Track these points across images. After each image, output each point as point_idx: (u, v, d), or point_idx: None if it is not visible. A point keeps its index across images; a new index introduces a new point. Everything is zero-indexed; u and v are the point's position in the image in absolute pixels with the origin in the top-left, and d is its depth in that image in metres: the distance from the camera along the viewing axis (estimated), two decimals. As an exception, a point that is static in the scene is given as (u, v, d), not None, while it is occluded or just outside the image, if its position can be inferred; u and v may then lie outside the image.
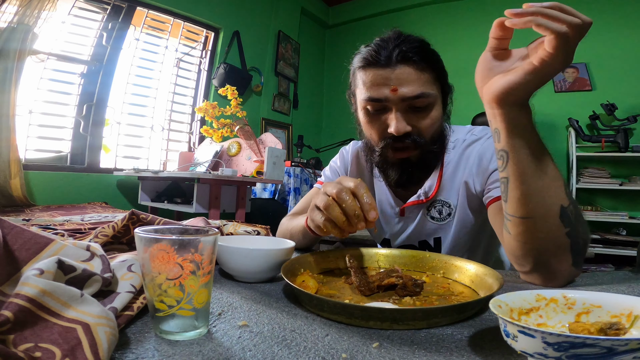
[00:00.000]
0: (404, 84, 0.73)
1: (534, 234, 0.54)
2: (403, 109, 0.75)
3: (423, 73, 0.74)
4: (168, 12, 2.93)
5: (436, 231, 0.89)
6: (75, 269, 0.35)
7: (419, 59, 0.73)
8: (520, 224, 0.54)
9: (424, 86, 0.73)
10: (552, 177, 0.53)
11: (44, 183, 2.26)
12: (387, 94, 0.74)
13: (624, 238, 2.76)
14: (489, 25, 0.51)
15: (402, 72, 0.72)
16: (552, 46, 0.43)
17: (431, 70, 0.75)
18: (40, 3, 2.08)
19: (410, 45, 0.73)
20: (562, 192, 0.53)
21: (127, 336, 0.35)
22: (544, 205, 0.53)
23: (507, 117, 0.51)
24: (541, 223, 0.53)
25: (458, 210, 0.84)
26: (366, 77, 0.76)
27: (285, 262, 0.56)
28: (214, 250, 0.36)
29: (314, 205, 0.61)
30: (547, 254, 0.55)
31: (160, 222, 0.58)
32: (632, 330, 0.32)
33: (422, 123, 0.77)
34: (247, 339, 0.36)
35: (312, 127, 4.38)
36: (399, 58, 0.72)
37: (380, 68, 0.74)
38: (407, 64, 0.72)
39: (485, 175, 0.78)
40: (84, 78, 2.50)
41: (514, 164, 0.52)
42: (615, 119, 2.85)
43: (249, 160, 2.39)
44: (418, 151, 0.79)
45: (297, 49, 4.07)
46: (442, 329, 0.40)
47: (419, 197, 0.86)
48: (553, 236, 0.53)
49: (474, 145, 0.83)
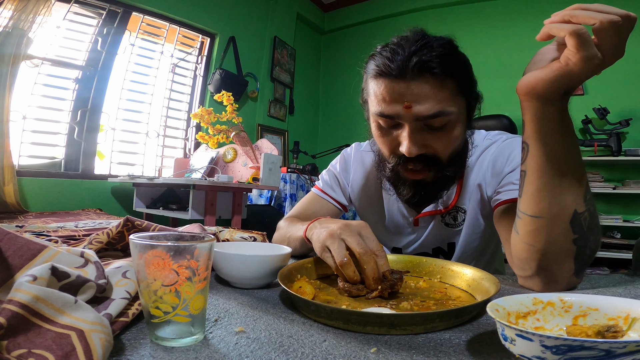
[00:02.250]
0: (419, 101, 0.64)
1: (542, 235, 0.53)
2: (417, 127, 0.68)
3: (443, 88, 0.65)
4: (164, 18, 2.93)
5: (451, 236, 0.86)
6: (69, 276, 0.34)
7: (440, 71, 0.63)
8: (530, 223, 0.54)
9: (442, 103, 0.65)
10: (573, 180, 0.51)
11: (38, 189, 2.25)
12: (399, 111, 0.66)
13: (619, 241, 2.78)
14: (483, 30, 0.51)
15: (417, 87, 0.64)
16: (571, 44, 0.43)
17: (454, 83, 0.66)
18: (35, 8, 2.08)
19: (431, 54, 0.63)
20: (579, 197, 0.52)
21: (122, 342, 0.34)
22: (556, 206, 0.52)
23: (530, 110, 0.51)
24: (551, 225, 0.52)
25: (469, 215, 0.83)
26: (378, 88, 0.68)
27: (281, 268, 0.56)
28: (210, 257, 0.36)
29: (325, 246, 0.57)
30: (551, 259, 0.54)
31: (156, 228, 0.57)
32: (629, 332, 0.32)
33: (439, 144, 0.69)
34: (244, 345, 0.35)
35: (308, 133, 4.38)
36: (416, 70, 0.63)
37: (393, 80, 0.65)
38: (425, 77, 0.63)
39: (499, 179, 0.75)
40: (79, 83, 2.50)
41: (532, 157, 0.52)
42: (607, 123, 2.89)
43: (244, 166, 2.38)
44: (432, 173, 0.73)
45: (292, 54, 4.09)
46: (440, 333, 0.40)
47: (437, 207, 0.83)
48: (560, 241, 0.53)
49: (489, 149, 0.81)
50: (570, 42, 0.43)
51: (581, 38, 0.42)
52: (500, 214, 0.71)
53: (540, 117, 0.51)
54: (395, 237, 0.93)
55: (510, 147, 0.78)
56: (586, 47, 0.43)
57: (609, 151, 2.85)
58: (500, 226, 0.72)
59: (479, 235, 0.84)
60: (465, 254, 0.86)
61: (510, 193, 0.70)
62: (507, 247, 0.64)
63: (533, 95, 0.50)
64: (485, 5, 3.52)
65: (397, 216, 0.90)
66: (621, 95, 2.96)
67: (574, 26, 0.42)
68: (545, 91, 0.48)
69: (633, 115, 2.86)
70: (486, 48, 3.48)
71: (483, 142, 0.83)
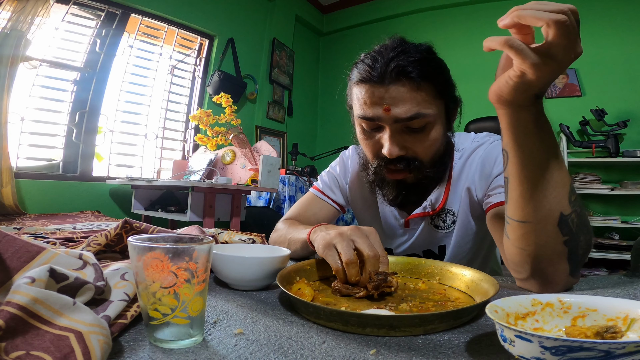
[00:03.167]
0: (397, 104, 0.68)
1: (531, 239, 0.53)
2: (397, 129, 0.71)
3: (419, 91, 0.68)
4: (162, 19, 2.93)
5: (441, 239, 0.87)
6: (67, 277, 0.34)
7: (416, 75, 0.67)
8: (518, 228, 0.54)
9: (419, 106, 0.68)
10: (556, 183, 0.51)
11: (36, 191, 2.24)
12: (380, 114, 0.70)
13: (617, 242, 2.79)
14: (482, 32, 0.51)
15: (395, 90, 0.68)
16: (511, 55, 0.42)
17: (431, 86, 0.69)
18: (33, 9, 2.08)
19: (407, 60, 0.67)
20: (564, 199, 0.51)
21: (121, 344, 0.34)
22: (541, 210, 0.51)
23: (505, 117, 0.50)
24: (539, 229, 0.52)
25: (460, 217, 0.83)
26: (360, 93, 0.72)
27: (280, 270, 0.56)
28: (208, 259, 0.36)
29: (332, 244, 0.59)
30: (544, 262, 0.54)
31: (154, 230, 0.57)
32: (628, 333, 0.33)
33: (418, 146, 0.72)
34: (243, 347, 0.35)
35: (306, 135, 4.38)
36: (393, 75, 0.67)
37: (373, 85, 0.69)
38: (402, 81, 0.67)
39: (488, 181, 0.76)
40: (77, 85, 2.49)
41: (513, 164, 0.52)
42: (605, 125, 2.90)
43: (243, 168, 2.38)
44: (413, 175, 0.75)
45: (291, 56, 4.10)
46: (439, 335, 0.40)
47: (425, 209, 0.84)
48: (550, 243, 0.52)
49: (477, 152, 0.81)
50: (509, 53, 0.42)
51: (515, 50, 0.41)
52: (492, 216, 0.72)
53: (515, 124, 0.50)
54: (388, 238, 0.95)
55: (498, 149, 0.79)
56: (525, 56, 0.41)
57: (607, 152, 2.86)
58: (493, 229, 0.73)
59: (471, 237, 0.85)
60: (458, 257, 0.86)
61: (500, 196, 0.71)
62: (502, 249, 0.65)
63: (503, 103, 0.49)
64: (483, 7, 3.53)
65: (389, 218, 0.92)
66: (619, 96, 2.97)
67: (503, 38, 0.41)
68: (513, 98, 0.48)
69: (631, 117, 2.87)
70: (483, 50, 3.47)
71: (471, 144, 0.84)
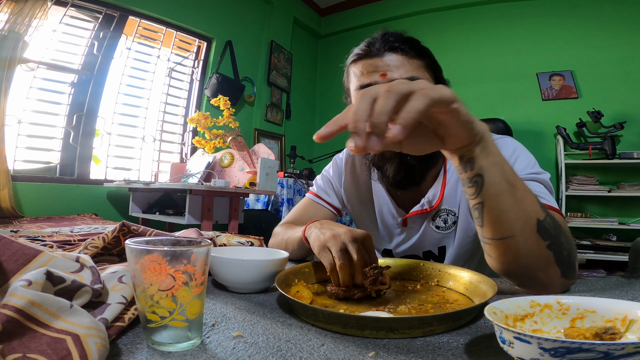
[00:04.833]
0: (393, 70, 0.74)
1: (516, 252, 0.52)
2: None
3: (412, 60, 0.76)
4: (160, 22, 2.93)
5: (441, 240, 0.87)
6: (64, 280, 0.34)
7: (407, 48, 0.76)
8: (500, 245, 0.53)
9: (414, 71, 0.75)
10: (523, 191, 0.51)
11: (33, 194, 2.23)
12: (377, 79, 0.75)
13: (615, 244, 2.80)
14: (479, 34, 0.51)
15: (390, 59, 0.75)
16: None
17: (421, 60, 0.77)
18: (31, 11, 2.08)
19: (397, 37, 0.77)
20: (536, 205, 0.52)
21: (119, 347, 0.34)
22: (521, 219, 0.51)
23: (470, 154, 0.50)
24: (522, 240, 0.51)
25: (460, 218, 0.83)
26: (357, 68, 0.79)
27: (279, 273, 0.56)
28: (206, 261, 0.36)
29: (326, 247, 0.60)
30: (535, 269, 0.54)
31: (152, 233, 0.57)
32: (627, 334, 0.33)
33: None
34: (241, 349, 0.35)
35: (305, 138, 4.38)
36: (387, 47, 0.75)
37: (369, 59, 0.77)
38: (396, 52, 0.75)
39: None
40: (75, 87, 2.49)
41: (490, 185, 0.50)
42: (601, 126, 2.91)
43: (241, 171, 2.38)
44: None
45: (289, 59, 4.10)
46: (438, 336, 0.40)
47: (423, 206, 0.84)
48: (535, 251, 0.52)
49: None
50: None
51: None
52: None
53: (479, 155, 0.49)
54: (386, 238, 0.94)
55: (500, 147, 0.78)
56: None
57: (604, 154, 2.87)
58: None
59: (471, 238, 0.84)
60: (458, 257, 0.86)
61: None
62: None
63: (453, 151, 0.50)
64: (480, 10, 3.55)
65: (387, 216, 0.91)
66: (615, 98, 2.98)
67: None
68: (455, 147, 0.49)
69: (627, 118, 2.88)
70: (482, 52, 3.50)
71: None
